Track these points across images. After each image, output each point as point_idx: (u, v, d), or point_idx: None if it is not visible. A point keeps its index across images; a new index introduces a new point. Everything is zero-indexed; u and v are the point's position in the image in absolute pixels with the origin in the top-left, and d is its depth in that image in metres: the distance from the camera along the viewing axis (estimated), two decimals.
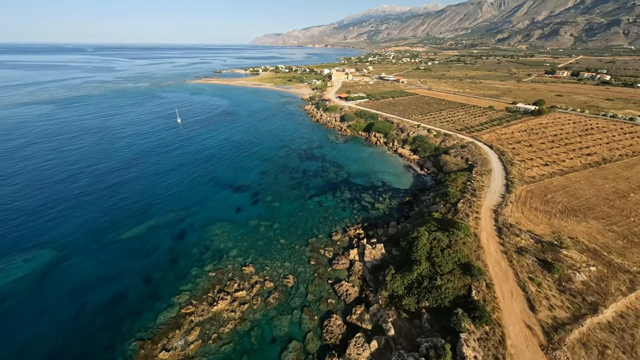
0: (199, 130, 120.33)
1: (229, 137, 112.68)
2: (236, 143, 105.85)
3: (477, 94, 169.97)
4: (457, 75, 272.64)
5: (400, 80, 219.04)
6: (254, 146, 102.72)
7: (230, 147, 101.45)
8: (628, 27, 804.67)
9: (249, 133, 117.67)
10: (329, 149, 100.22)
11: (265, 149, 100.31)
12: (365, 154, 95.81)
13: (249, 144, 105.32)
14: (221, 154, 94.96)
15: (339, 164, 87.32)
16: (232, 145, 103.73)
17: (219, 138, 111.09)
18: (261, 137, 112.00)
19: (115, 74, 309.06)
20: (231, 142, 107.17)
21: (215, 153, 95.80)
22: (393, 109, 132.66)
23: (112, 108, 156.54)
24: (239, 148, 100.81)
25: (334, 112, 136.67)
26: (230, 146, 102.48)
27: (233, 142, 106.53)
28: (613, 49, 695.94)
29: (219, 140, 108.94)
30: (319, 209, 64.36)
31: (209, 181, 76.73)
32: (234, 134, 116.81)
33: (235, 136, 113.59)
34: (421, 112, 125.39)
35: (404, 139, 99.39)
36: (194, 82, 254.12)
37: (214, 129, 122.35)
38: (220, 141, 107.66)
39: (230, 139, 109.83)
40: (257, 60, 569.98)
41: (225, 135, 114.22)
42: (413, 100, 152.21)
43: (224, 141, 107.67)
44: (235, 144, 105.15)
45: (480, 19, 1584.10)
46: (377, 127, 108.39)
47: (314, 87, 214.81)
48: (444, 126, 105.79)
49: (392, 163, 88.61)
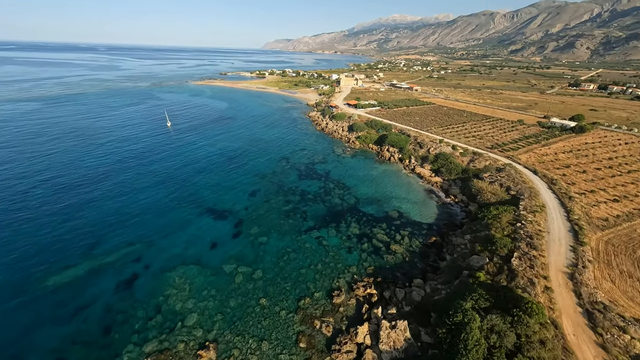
0: (190, 137, 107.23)
1: (222, 146, 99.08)
2: (229, 153, 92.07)
3: (500, 105, 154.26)
4: (473, 84, 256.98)
5: (413, 88, 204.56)
6: (248, 158, 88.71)
7: (221, 159, 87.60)
8: None
9: (245, 142, 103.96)
10: (334, 164, 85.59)
11: (261, 162, 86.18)
12: (376, 172, 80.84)
13: (243, 155, 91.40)
14: (209, 167, 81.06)
15: (346, 185, 72.51)
16: (223, 156, 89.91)
17: (211, 147, 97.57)
18: (258, 148, 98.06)
19: (118, 73, 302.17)
20: (223, 152, 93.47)
21: (203, 166, 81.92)
22: (408, 120, 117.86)
23: (103, 108, 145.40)
24: (231, 160, 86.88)
25: (341, 121, 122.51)
26: (221, 157, 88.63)
27: (225, 153, 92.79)
28: (633, 63, 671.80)
29: (210, 149, 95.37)
30: (318, 248, 49.47)
31: (188, 203, 62.68)
32: (228, 142, 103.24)
33: (229, 145, 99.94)
34: (441, 124, 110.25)
35: (423, 156, 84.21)
36: (196, 83, 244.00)
37: (206, 136, 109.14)
38: (211, 151, 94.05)
39: (222, 149, 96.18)
40: (265, 64, 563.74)
41: (217, 144, 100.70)
42: (430, 110, 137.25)
43: (215, 151, 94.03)
44: (228, 154, 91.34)
45: (492, 30, 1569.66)
46: (391, 141, 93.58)
47: (320, 92, 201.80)
48: (471, 142, 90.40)
49: (409, 186, 73.39)
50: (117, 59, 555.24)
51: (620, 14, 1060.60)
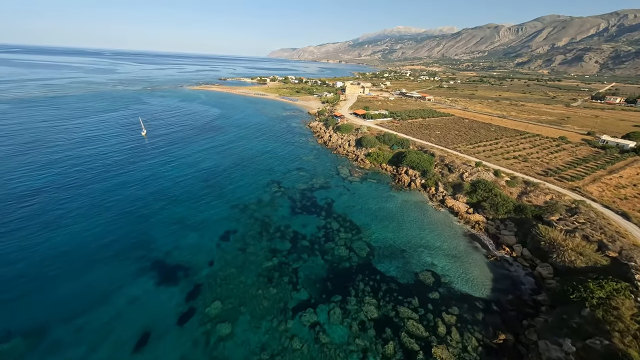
0: (165, 149, 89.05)
1: (201, 163, 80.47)
2: (207, 173, 73.33)
3: (527, 118, 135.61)
4: (488, 95, 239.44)
5: (426, 98, 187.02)
6: (230, 180, 69.87)
7: (195, 181, 68.78)
8: None
9: (231, 158, 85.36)
10: (339, 191, 66.44)
11: (245, 186, 67.24)
12: (394, 204, 61.51)
13: (225, 176, 72.59)
14: (177, 194, 62.15)
15: (354, 225, 53.15)
16: (200, 177, 71.12)
17: (187, 164, 78.90)
18: (244, 166, 79.28)
19: (113, 76, 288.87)
20: (201, 171, 74.78)
21: (170, 192, 63.02)
22: (427, 134, 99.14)
23: (77, 112, 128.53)
24: (207, 183, 68.07)
25: (347, 133, 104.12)
26: (196, 179, 69.78)
27: (203, 172, 74.08)
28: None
29: (185, 167, 76.70)
30: (312, 349, 29.91)
31: (129, 251, 43.61)
32: (209, 158, 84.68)
33: (210, 162, 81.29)
34: (468, 141, 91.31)
35: (455, 184, 64.92)
36: (192, 88, 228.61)
37: (185, 149, 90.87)
38: (186, 169, 75.32)
39: (201, 167, 77.53)
40: (268, 71, 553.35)
41: (196, 160, 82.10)
42: (450, 122, 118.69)
43: (191, 170, 75.25)
44: (206, 175, 72.56)
45: (497, 43, 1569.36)
46: (411, 161, 74.55)
47: (324, 100, 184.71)
48: (515, 166, 71.05)
49: (442, 227, 53.88)
50: (118, 62, 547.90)
51: (627, 29, 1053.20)
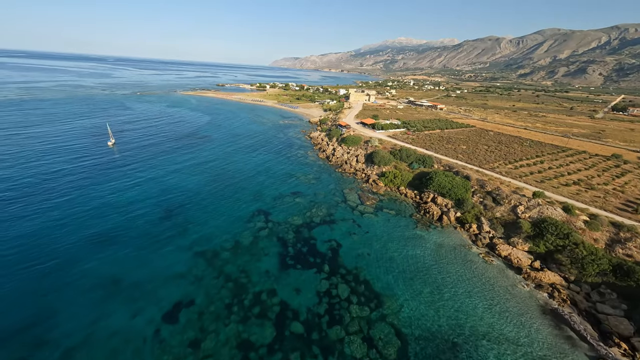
0: (131, 166, 71.95)
1: (171, 184, 63.13)
2: (173, 201, 55.92)
3: (557, 131, 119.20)
4: (501, 105, 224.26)
5: (438, 107, 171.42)
6: (201, 211, 52.47)
7: (154, 211, 51.40)
8: None
9: (210, 176, 68.23)
10: (347, 228, 48.91)
11: (220, 220, 49.76)
12: (424, 251, 43.91)
13: (196, 204, 55.16)
14: (123, 233, 44.71)
15: (371, 290, 35.46)
16: (163, 206, 53.61)
17: (152, 187, 61.54)
18: (225, 190, 61.87)
19: (105, 80, 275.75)
20: (167, 197, 57.35)
21: (114, 230, 45.38)
22: (452, 149, 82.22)
23: (45, 118, 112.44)
24: (170, 215, 50.55)
25: (354, 146, 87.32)
26: (157, 209, 52.20)
27: (169, 199, 56.62)
28: None
29: (149, 191, 59.37)
30: None
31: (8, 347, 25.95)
32: (183, 176, 67.59)
33: (183, 183, 64.07)
34: (505, 158, 74.21)
35: (506, 221, 47.43)
36: (184, 93, 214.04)
37: (157, 165, 73.78)
38: (149, 194, 57.93)
39: (169, 190, 60.12)
40: (270, 78, 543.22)
41: (166, 181, 64.74)
42: (473, 135, 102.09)
43: (154, 195, 57.80)
44: (171, 203, 55.12)
45: (499, 55, 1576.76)
46: (440, 185, 57.32)
47: (326, 107, 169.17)
48: (581, 196, 53.51)
49: (502, 293, 36.14)
50: (117, 68, 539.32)
51: (630, 42, 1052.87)
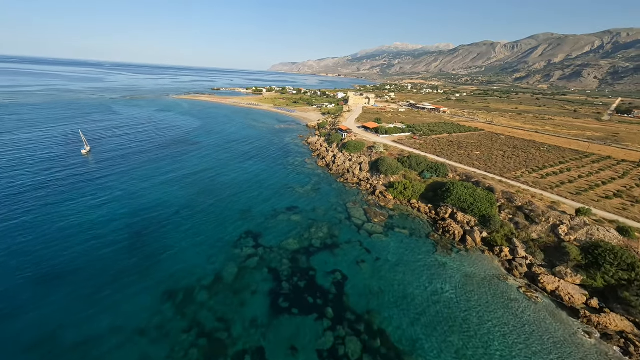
0: (107, 178, 63.06)
1: (149, 200, 54.17)
2: (146, 222, 46.91)
3: (571, 134, 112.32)
4: (504, 108, 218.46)
5: (440, 110, 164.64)
6: (177, 233, 43.62)
7: (121, 239, 42.37)
8: None
9: (192, 191, 59.29)
10: (354, 255, 40.28)
11: (198, 246, 40.90)
12: (450, 283, 35.40)
13: (172, 225, 46.19)
14: (80, 270, 35.71)
15: (391, 346, 26.85)
16: (132, 229, 44.49)
17: (124, 204, 52.32)
18: (209, 207, 52.93)
19: (96, 85, 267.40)
20: (139, 217, 48.42)
21: (68, 267, 36.30)
22: (465, 155, 74.37)
23: (19, 124, 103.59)
24: (141, 241, 41.65)
25: (357, 153, 79.26)
26: (125, 234, 43.09)
27: (141, 220, 47.71)
28: None
29: (119, 210, 50.13)
30: None
31: None
32: (164, 191, 58.64)
33: (163, 198, 55.12)
34: (526, 165, 66.41)
35: (545, 244, 39.22)
36: (177, 97, 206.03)
37: (137, 176, 64.93)
38: (118, 214, 48.62)
39: (143, 208, 51.11)
40: (267, 82, 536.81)
41: (141, 197, 55.64)
42: (484, 139, 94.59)
43: (128, 214, 48.72)
44: (143, 225, 46.04)
45: (494, 59, 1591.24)
46: (459, 199, 49.18)
47: (324, 111, 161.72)
48: (629, 211, 45.60)
49: (556, 345, 27.72)
50: (112, 73, 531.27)
51: (623, 46, 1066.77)
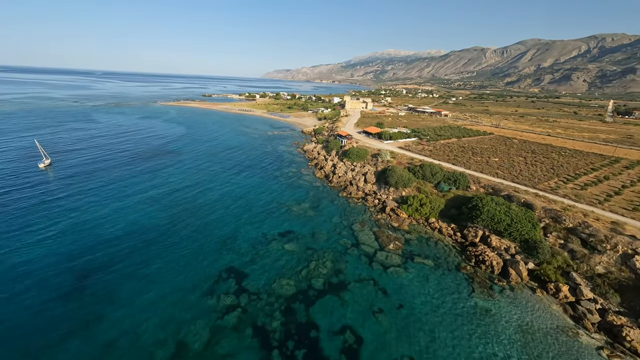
0: (64, 198, 52.27)
1: (109, 228, 43.54)
2: (100, 260, 36.58)
3: (585, 137, 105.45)
4: (503, 111, 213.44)
5: (442, 113, 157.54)
6: (138, 277, 33.21)
7: (62, 285, 31.97)
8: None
9: (168, 215, 48.74)
10: (366, 301, 30.42)
11: (162, 294, 30.64)
12: (504, 344, 25.78)
13: (135, 262, 35.79)
14: None
15: None
16: (79, 269, 34.23)
17: (79, 234, 41.79)
18: (183, 234, 42.64)
19: (80, 92, 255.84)
20: (93, 253, 37.89)
21: None
22: (482, 162, 65.71)
23: None
24: (82, 288, 31.34)
25: (360, 161, 70.06)
26: (66, 279, 32.96)
27: (95, 256, 37.25)
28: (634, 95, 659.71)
29: (70, 243, 39.63)
30: None
31: None
32: (131, 215, 47.99)
33: (127, 225, 44.71)
34: (556, 173, 57.81)
35: (617, 281, 30.04)
36: (165, 104, 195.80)
37: (101, 195, 54.19)
38: (68, 248, 38.23)
39: (100, 240, 40.55)
40: (260, 89, 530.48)
41: (104, 221, 45.27)
42: (497, 143, 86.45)
43: (75, 249, 38.14)
44: (95, 263, 35.72)
45: (485, 64, 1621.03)
46: (491, 217, 40.01)
47: (320, 116, 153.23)
48: None
49: None
50: (101, 81, 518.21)
51: (609, 50, 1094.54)
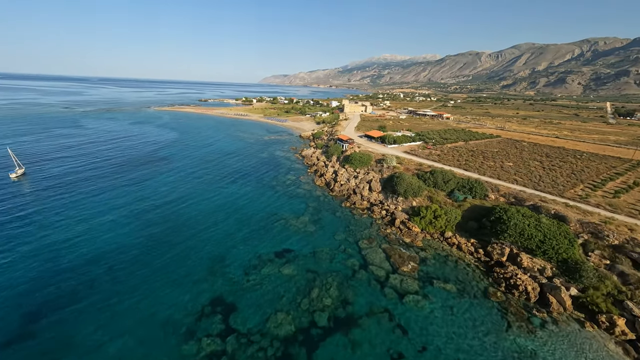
0: (33, 214, 46.42)
1: (79, 250, 37.73)
2: (60, 292, 30.99)
3: (595, 139, 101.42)
4: (504, 113, 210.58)
5: (444, 116, 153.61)
6: (103, 314, 27.63)
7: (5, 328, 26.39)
8: (639, 77, 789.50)
9: (149, 233, 42.96)
10: (380, 339, 24.82)
11: (131, 339, 24.95)
12: None
13: (103, 297, 30.13)
14: None
15: None
16: (29, 306, 28.74)
17: (42, 259, 36.12)
18: (164, 256, 37.08)
19: (72, 98, 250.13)
20: (55, 282, 32.41)
21: None
22: (496, 167, 60.74)
23: None
24: (27, 332, 25.66)
25: (363, 167, 64.87)
26: (11, 320, 27.43)
27: (55, 288, 31.68)
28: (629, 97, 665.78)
29: (28, 270, 34.19)
30: None
31: None
32: (106, 234, 42.19)
33: (101, 246, 38.96)
34: (579, 179, 52.94)
35: None
36: (159, 109, 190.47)
37: (77, 209, 48.17)
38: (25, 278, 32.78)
39: (66, 265, 34.92)
40: (258, 93, 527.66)
41: (73, 242, 39.39)
42: (507, 146, 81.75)
43: (33, 279, 32.75)
44: (53, 297, 30.21)
45: (480, 68, 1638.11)
46: (520, 232, 34.72)
47: (319, 120, 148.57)
48: None
49: None
50: (95, 87, 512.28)
51: (602, 54, 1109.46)
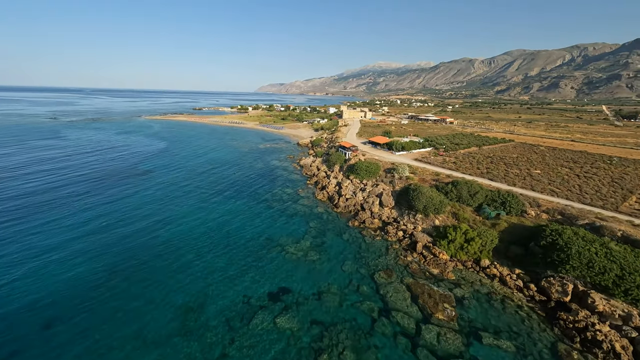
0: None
1: (10, 307, 29.53)
2: None
3: (613, 142, 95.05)
4: (507, 117, 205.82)
5: (447, 121, 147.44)
6: None
7: None
8: (631, 81, 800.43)
9: (109, 262, 34.47)
10: None
11: None
12: None
13: None
14: None
15: None
16: None
17: None
18: (125, 306, 28.54)
19: (62, 108, 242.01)
20: None
21: None
22: (523, 175, 53.06)
23: None
24: None
25: (371, 178, 56.90)
26: None
27: None
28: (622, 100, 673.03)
29: None
30: None
31: None
32: (52, 273, 33.39)
33: (44, 290, 30.36)
34: (626, 188, 45.47)
35: None
36: (151, 118, 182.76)
37: (25, 246, 39.51)
38: None
39: None
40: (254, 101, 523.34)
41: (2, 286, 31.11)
42: (525, 152, 74.45)
43: None
44: None
45: (474, 74, 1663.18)
46: (587, 263, 26.78)
47: (317, 127, 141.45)
48: None
49: None
50: (88, 97, 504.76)
51: (593, 59, 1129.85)
